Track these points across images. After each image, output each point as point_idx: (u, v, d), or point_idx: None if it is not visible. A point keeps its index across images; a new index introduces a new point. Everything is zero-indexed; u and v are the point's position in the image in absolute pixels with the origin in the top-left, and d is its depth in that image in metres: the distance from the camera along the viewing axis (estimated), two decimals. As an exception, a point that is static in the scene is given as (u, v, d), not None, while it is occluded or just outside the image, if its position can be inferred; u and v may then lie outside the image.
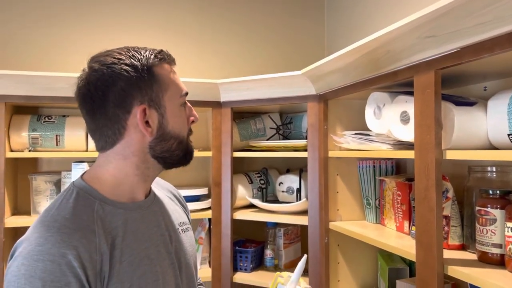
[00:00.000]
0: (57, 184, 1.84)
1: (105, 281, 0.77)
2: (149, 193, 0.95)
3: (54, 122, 1.80)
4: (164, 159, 0.89)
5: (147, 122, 0.84)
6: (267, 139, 2.04)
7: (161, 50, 0.89)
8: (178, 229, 0.96)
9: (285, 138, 2.07)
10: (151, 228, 0.89)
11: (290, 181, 1.90)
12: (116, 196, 0.86)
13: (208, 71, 2.22)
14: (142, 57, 0.85)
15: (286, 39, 2.34)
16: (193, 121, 0.94)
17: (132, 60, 0.84)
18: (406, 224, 1.39)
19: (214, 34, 2.24)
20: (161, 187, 1.06)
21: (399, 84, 1.26)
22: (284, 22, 2.34)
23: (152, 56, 0.86)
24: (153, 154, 0.87)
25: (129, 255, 0.81)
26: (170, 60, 0.90)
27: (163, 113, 0.85)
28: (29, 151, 1.75)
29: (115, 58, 0.84)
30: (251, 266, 1.92)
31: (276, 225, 1.97)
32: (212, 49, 2.24)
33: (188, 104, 0.93)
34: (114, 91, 0.81)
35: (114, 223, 0.82)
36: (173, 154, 0.89)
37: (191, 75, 2.17)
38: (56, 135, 1.78)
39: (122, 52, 0.85)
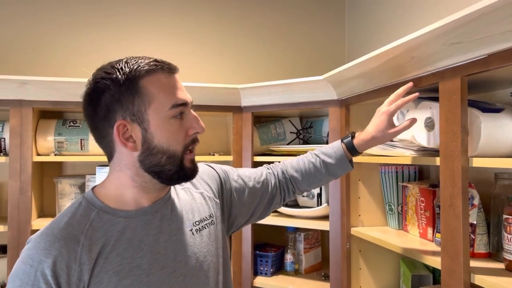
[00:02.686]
0: (82, 188, 1.88)
1: None
2: (165, 195, 0.94)
3: (79, 126, 1.84)
4: (157, 173, 0.86)
5: (130, 137, 0.84)
6: (287, 144, 2.04)
7: (155, 60, 0.86)
8: (191, 230, 0.94)
9: (305, 142, 2.07)
10: (152, 235, 0.88)
11: (311, 185, 1.89)
12: (119, 205, 0.88)
13: (229, 76, 2.24)
14: (128, 69, 0.84)
15: (306, 44, 2.34)
16: (196, 133, 0.89)
17: (118, 73, 0.83)
18: (429, 230, 1.38)
19: (235, 39, 2.26)
20: (189, 182, 1.03)
21: (422, 89, 1.25)
22: (304, 26, 2.35)
23: (140, 67, 0.84)
24: (145, 168, 0.86)
25: (117, 265, 0.82)
26: (167, 69, 0.86)
27: (146, 127, 0.83)
28: (55, 155, 1.80)
29: (106, 72, 0.85)
30: (271, 270, 1.92)
31: (296, 229, 1.97)
32: (232, 54, 2.25)
33: (192, 114, 0.89)
34: (101, 106, 0.84)
35: (109, 232, 0.84)
36: (164, 168, 0.85)
37: (212, 80, 2.19)
38: (81, 139, 1.82)
39: (116, 64, 0.86)
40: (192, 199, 1.00)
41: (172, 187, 0.99)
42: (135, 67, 0.84)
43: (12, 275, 0.80)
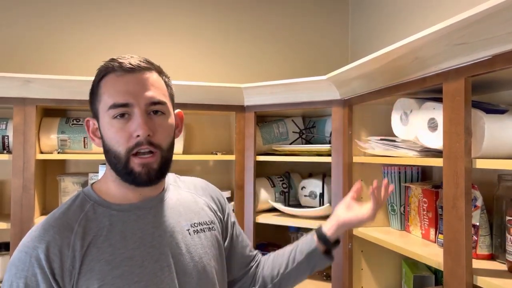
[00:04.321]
0: (84, 186, 1.88)
1: (75, 276, 0.81)
2: (160, 193, 0.95)
3: (82, 124, 1.84)
4: (116, 171, 0.87)
5: (98, 133, 0.91)
6: (290, 143, 2.04)
7: (112, 59, 0.88)
8: (188, 230, 0.95)
9: (308, 142, 2.07)
10: (146, 229, 0.89)
11: (313, 185, 1.90)
12: (112, 198, 0.91)
13: (232, 76, 2.24)
14: (97, 70, 0.90)
15: (309, 43, 2.34)
16: (137, 136, 0.84)
17: (95, 74, 0.90)
18: (432, 231, 1.38)
19: (238, 39, 2.26)
20: (188, 187, 1.04)
21: (426, 90, 1.24)
22: (308, 26, 2.34)
23: (102, 68, 0.89)
24: (109, 165, 0.89)
25: (109, 254, 0.84)
26: (118, 69, 0.86)
27: (99, 125, 0.89)
28: (58, 153, 1.80)
29: None
30: (273, 270, 1.92)
31: (299, 229, 1.97)
32: (236, 54, 2.25)
33: (138, 116, 0.84)
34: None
35: (102, 223, 0.87)
36: (116, 167, 0.86)
37: (215, 79, 2.19)
38: (84, 138, 1.82)
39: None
40: (194, 202, 1.02)
41: (174, 187, 1.01)
42: (99, 68, 0.89)
43: (9, 264, 0.83)
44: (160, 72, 0.93)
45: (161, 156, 0.87)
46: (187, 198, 1.01)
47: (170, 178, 1.05)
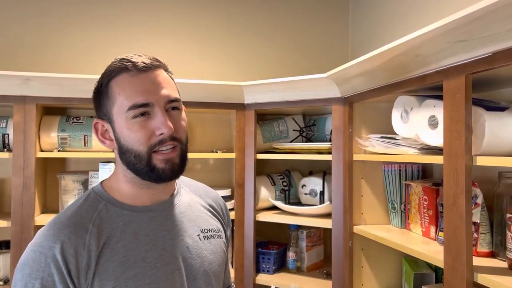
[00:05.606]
0: (85, 184, 1.88)
1: (90, 276, 0.80)
2: (171, 196, 0.96)
3: (82, 123, 1.84)
4: (135, 171, 0.87)
5: (108, 135, 0.89)
6: (290, 141, 2.04)
7: (124, 59, 0.86)
8: (199, 235, 0.95)
9: (308, 140, 2.07)
10: (158, 231, 0.89)
11: (313, 183, 1.89)
12: (124, 199, 0.90)
13: (232, 74, 2.23)
14: (106, 71, 0.88)
15: (310, 41, 2.34)
16: (161, 134, 0.84)
17: (102, 75, 0.89)
18: (432, 229, 1.38)
19: (238, 37, 2.26)
20: (198, 193, 1.05)
21: (426, 88, 1.24)
22: (308, 24, 2.34)
23: (111, 68, 0.86)
24: (126, 165, 0.88)
25: (122, 256, 0.83)
26: (133, 68, 0.84)
27: (113, 127, 0.87)
28: (58, 151, 1.80)
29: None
30: (273, 268, 1.92)
31: (299, 227, 1.97)
32: (236, 52, 2.25)
33: (160, 113, 0.84)
34: (95, 106, 0.92)
35: (115, 224, 0.86)
36: (136, 167, 0.86)
37: (216, 77, 2.19)
38: (84, 136, 1.82)
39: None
40: (204, 209, 1.02)
41: (186, 192, 1.01)
42: (109, 68, 0.87)
43: (21, 264, 0.80)
44: (166, 69, 0.93)
45: (181, 149, 0.88)
46: (197, 204, 1.01)
47: (184, 181, 1.05)
